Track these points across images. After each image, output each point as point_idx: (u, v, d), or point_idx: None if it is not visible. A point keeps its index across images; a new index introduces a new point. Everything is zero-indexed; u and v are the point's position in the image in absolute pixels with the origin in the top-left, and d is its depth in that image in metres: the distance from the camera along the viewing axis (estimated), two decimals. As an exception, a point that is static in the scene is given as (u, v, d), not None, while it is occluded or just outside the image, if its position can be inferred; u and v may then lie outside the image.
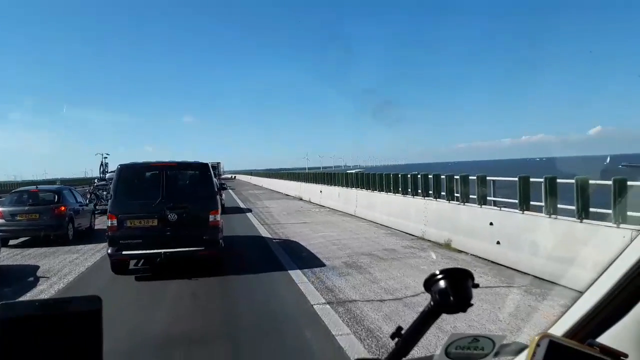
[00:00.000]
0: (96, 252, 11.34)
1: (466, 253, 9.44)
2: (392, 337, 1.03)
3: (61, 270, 9.49)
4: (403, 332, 1.02)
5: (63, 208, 12.93)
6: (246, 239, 13.08)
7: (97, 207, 21.76)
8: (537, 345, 0.86)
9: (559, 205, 7.80)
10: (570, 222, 7.15)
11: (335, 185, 21.33)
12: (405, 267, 8.57)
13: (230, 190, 38.32)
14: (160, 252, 8.45)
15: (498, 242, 8.57)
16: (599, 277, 1.06)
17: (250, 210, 21.14)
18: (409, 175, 13.26)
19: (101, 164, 25.17)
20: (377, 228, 13.92)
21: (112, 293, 7.64)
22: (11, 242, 12.80)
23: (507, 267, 8.11)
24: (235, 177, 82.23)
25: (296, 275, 8.26)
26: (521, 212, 8.27)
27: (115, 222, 8.52)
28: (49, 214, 12.69)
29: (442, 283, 0.96)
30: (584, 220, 6.96)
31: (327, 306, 6.38)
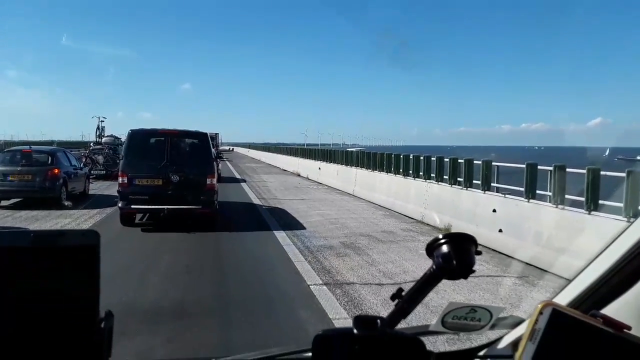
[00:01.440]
0: (89, 218, 11.11)
1: (466, 239, 9.24)
2: (392, 298, 1.02)
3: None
4: (403, 294, 1.01)
5: (57, 170, 12.64)
6: (243, 212, 12.87)
7: (92, 171, 21.52)
8: (540, 313, 0.85)
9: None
10: (578, 214, 6.94)
11: (334, 162, 21.05)
12: (404, 251, 8.38)
13: (227, 163, 38.06)
14: (164, 208, 9.79)
15: (500, 230, 8.37)
16: (605, 248, 1.05)
17: (244, 181, 20.95)
18: (410, 157, 13.00)
19: (97, 128, 24.71)
20: (375, 209, 13.71)
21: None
22: (2, 202, 12.55)
23: (509, 256, 7.92)
24: (233, 149, 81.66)
25: (293, 253, 8.05)
26: (527, 200, 8.05)
27: (125, 179, 9.80)
28: (42, 175, 12.40)
29: (445, 247, 0.95)
30: (593, 212, 6.75)
31: (324, 287, 6.19)
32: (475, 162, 9.94)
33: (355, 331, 0.95)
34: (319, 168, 22.91)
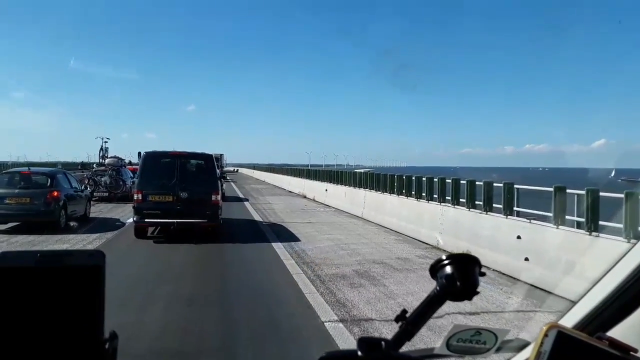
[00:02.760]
0: (87, 244, 10.59)
1: (487, 267, 8.65)
2: (397, 320, 0.99)
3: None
4: (407, 315, 0.98)
5: (56, 193, 12.17)
6: (249, 235, 12.34)
7: (94, 193, 21.07)
8: (545, 335, 0.84)
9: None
10: (616, 242, 6.36)
11: (341, 184, 20.54)
12: (423, 281, 7.79)
13: (232, 184, 37.61)
14: (174, 222, 10.91)
15: (526, 259, 7.78)
16: (609, 270, 1.05)
17: (246, 199, 20.38)
18: (423, 178, 12.46)
19: (101, 149, 24.31)
20: (386, 233, 13.14)
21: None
22: (0, 227, 12.06)
23: (537, 287, 7.32)
24: (237, 170, 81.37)
25: (304, 283, 7.49)
26: (555, 226, 7.48)
27: (140, 196, 10.93)
28: (41, 198, 11.93)
29: (448, 268, 0.93)
30: (632, 241, 6.17)
31: (340, 324, 5.61)
32: (495, 184, 9.40)
33: (359, 353, 0.94)
34: (326, 190, 22.40)
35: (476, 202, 9.96)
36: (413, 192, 12.96)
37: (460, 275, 0.92)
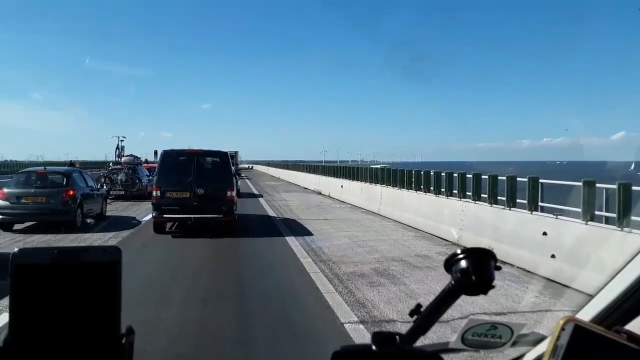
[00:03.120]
0: (103, 243, 10.51)
1: (511, 265, 8.34)
2: (411, 314, 1.00)
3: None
4: (422, 310, 0.99)
5: (72, 192, 12.14)
6: (264, 232, 12.18)
7: (111, 192, 21.16)
8: (562, 329, 0.84)
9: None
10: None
11: (357, 180, 20.29)
12: (444, 279, 7.47)
13: (247, 181, 37.59)
14: (191, 217, 11.31)
15: (553, 256, 7.46)
16: (627, 263, 1.04)
17: (260, 195, 20.26)
18: (442, 174, 12.15)
19: (117, 147, 24.35)
20: (404, 229, 12.87)
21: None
22: (16, 226, 12.10)
23: (565, 285, 7.01)
24: (252, 167, 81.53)
25: (321, 282, 7.29)
26: (584, 222, 7.15)
27: (159, 192, 11.33)
28: (57, 197, 11.91)
29: (463, 262, 0.92)
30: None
31: (361, 326, 5.39)
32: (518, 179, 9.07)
33: (374, 348, 0.92)
34: (342, 186, 22.15)
35: (498, 198, 9.64)
36: (432, 188, 12.63)
37: (475, 270, 0.91)
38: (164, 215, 11.40)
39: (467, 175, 11.07)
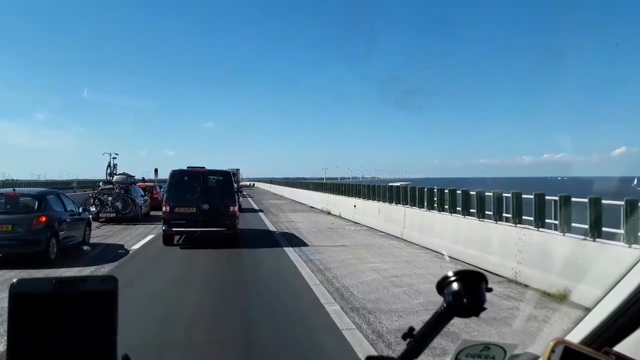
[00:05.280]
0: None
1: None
2: (404, 337, 1.00)
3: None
4: (415, 333, 0.99)
5: (43, 218, 10.14)
6: (274, 266, 10.19)
7: (100, 214, 19.16)
8: (552, 351, 0.85)
9: None
10: None
11: (373, 200, 18.32)
12: (527, 339, 5.53)
13: (249, 199, 35.64)
14: (197, 230, 12.23)
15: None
16: (617, 283, 1.04)
17: (260, 210, 18.23)
18: (488, 194, 10.18)
19: (108, 165, 22.24)
20: (440, 260, 10.87)
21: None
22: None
23: None
24: (253, 184, 79.66)
25: (360, 346, 5.27)
26: None
27: (168, 208, 12.33)
28: (25, 225, 9.91)
29: (455, 285, 0.92)
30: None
31: None
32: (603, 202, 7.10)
33: None
34: (355, 205, 20.17)
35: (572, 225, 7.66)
36: (474, 210, 10.63)
37: (467, 292, 0.91)
38: (173, 229, 12.36)
39: (521, 196, 9.09)
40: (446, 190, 12.27)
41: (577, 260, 7.19)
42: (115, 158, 22.66)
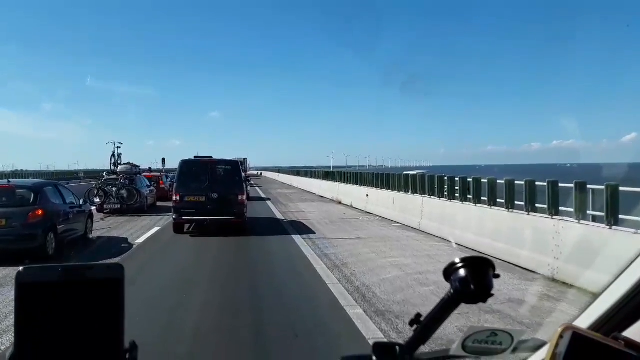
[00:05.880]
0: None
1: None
2: (411, 324, 0.99)
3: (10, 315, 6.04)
4: (422, 319, 0.98)
5: (40, 211, 9.49)
6: (286, 260, 9.50)
7: (105, 205, 18.57)
8: (560, 336, 0.83)
9: None
10: None
11: (387, 189, 17.55)
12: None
13: (257, 188, 34.97)
14: (206, 219, 12.50)
15: None
16: (625, 269, 1.02)
17: (268, 199, 17.55)
18: (518, 182, 9.38)
19: (112, 155, 21.56)
20: (463, 253, 10.11)
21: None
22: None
23: None
24: (261, 173, 78.96)
25: None
26: None
27: (178, 197, 12.56)
28: (21, 219, 9.26)
29: (462, 271, 0.91)
30: None
31: None
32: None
33: (374, 358, 0.94)
34: (367, 195, 19.42)
35: (620, 217, 6.87)
36: (501, 200, 9.85)
37: (474, 278, 0.90)
38: (183, 217, 12.61)
39: (558, 184, 8.28)
40: (469, 179, 11.46)
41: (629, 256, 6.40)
42: (120, 147, 22.03)
